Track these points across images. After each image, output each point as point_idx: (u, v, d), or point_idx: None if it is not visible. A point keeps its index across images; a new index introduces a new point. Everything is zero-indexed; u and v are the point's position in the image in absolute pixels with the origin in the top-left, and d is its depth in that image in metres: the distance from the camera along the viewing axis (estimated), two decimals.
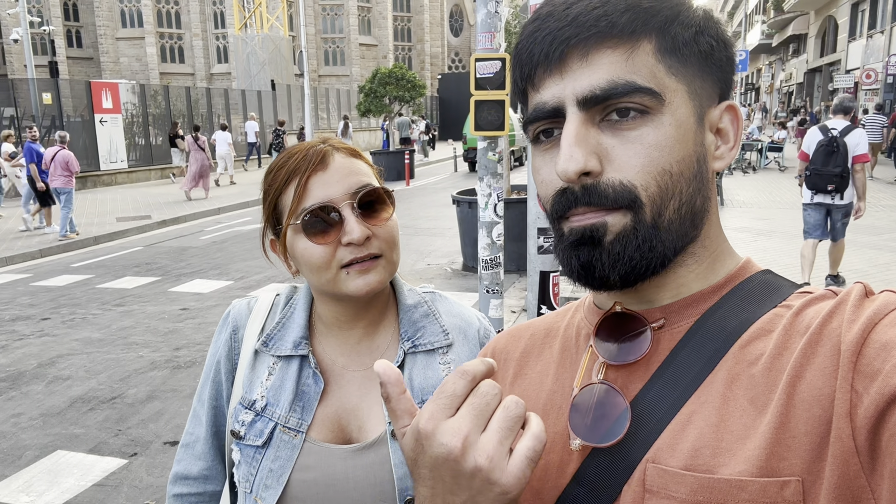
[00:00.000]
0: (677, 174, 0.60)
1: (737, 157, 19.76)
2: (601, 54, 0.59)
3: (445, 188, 16.44)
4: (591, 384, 0.64)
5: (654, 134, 0.59)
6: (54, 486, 3.73)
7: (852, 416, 0.50)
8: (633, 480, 0.59)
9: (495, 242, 4.19)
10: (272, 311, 1.12)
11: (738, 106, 0.67)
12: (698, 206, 0.62)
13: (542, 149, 0.64)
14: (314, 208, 0.97)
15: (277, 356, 1.06)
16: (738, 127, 0.66)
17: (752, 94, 56.60)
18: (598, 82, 0.58)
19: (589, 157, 0.58)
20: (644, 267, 0.60)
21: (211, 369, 1.12)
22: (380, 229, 0.99)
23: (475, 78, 3.79)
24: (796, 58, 38.64)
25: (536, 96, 0.62)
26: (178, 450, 1.17)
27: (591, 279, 0.62)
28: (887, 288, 0.58)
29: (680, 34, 0.61)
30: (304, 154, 1.00)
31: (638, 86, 0.58)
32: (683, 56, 0.61)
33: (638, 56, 0.59)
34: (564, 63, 0.60)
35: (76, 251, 10.76)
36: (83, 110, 19.01)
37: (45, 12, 51.40)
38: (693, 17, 0.62)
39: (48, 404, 4.84)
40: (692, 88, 0.62)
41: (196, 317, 6.92)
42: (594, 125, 0.60)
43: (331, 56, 58.98)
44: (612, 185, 0.59)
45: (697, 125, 0.62)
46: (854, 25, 26.85)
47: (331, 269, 0.98)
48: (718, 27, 0.64)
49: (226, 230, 12.26)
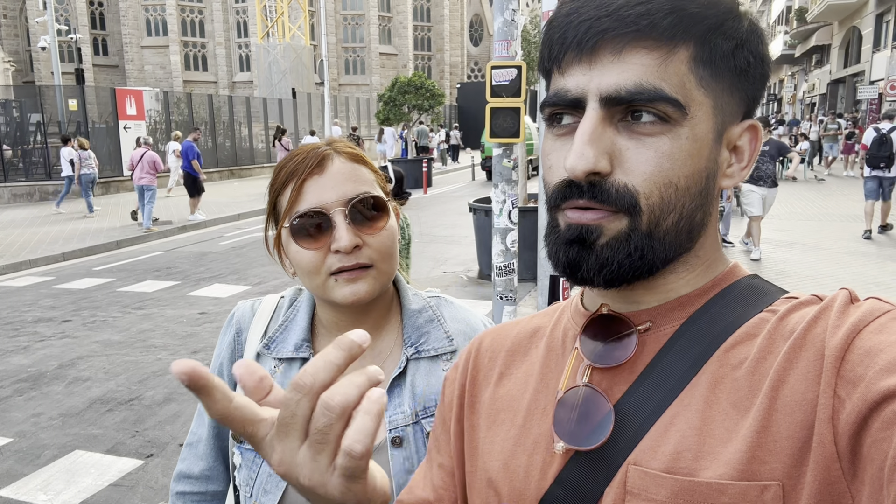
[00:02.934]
0: (683, 189, 0.59)
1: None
2: (635, 53, 0.57)
3: (463, 196, 16.46)
4: (576, 387, 0.64)
5: (669, 144, 0.58)
6: (72, 486, 3.78)
7: (834, 421, 0.50)
8: (615, 483, 0.59)
9: (509, 249, 4.19)
10: (276, 314, 1.11)
11: (760, 126, 0.65)
12: (697, 220, 0.62)
13: (557, 133, 0.63)
14: (305, 213, 0.96)
15: (279, 359, 1.05)
16: (755, 147, 0.65)
17: (773, 104, 56.07)
18: (626, 83, 0.57)
19: (600, 157, 0.57)
20: (631, 273, 0.60)
21: (214, 371, 1.12)
22: (373, 238, 0.97)
23: (491, 85, 3.81)
24: (819, 69, 38.22)
25: (560, 80, 0.61)
26: (183, 449, 1.18)
27: (574, 277, 0.62)
28: (873, 295, 0.57)
29: (720, 46, 0.59)
30: (305, 156, 0.99)
31: (665, 95, 0.56)
32: (717, 69, 0.59)
33: (672, 63, 0.57)
34: (595, 54, 0.58)
35: (98, 255, 10.93)
36: (108, 117, 19.32)
37: (73, 21, 52.48)
38: (737, 29, 0.60)
39: (67, 405, 4.91)
40: (718, 104, 0.60)
41: (214, 321, 6.99)
42: (611, 124, 0.58)
43: (351, 65, 59.45)
44: (616, 186, 0.58)
45: (715, 142, 0.61)
46: (878, 36, 26.50)
47: (320, 274, 0.97)
48: (760, 42, 0.61)
49: (245, 236, 12.37)
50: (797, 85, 47.10)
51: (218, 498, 1.15)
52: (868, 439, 0.48)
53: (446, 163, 27.69)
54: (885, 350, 0.49)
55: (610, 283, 0.60)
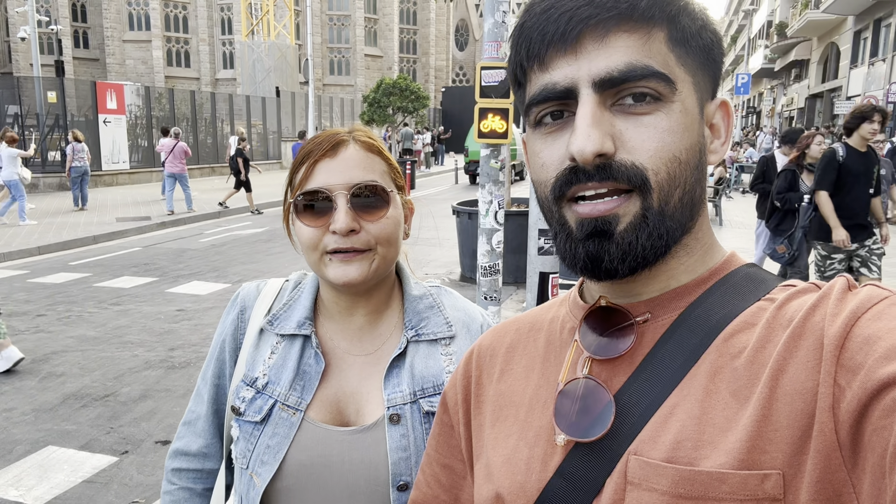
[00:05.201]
0: (685, 162, 0.60)
1: (735, 179, 19.60)
2: (618, 37, 0.58)
3: (446, 199, 16.47)
4: (576, 379, 0.64)
5: (667, 120, 0.59)
6: (44, 481, 3.71)
7: (835, 410, 0.50)
8: (616, 473, 0.59)
9: (495, 249, 4.20)
10: (280, 294, 1.14)
11: (730, 103, 0.68)
12: (697, 195, 0.63)
13: (545, 132, 0.63)
14: (310, 191, 1.00)
15: (281, 335, 1.08)
16: (728, 123, 0.67)
17: (753, 117, 56.90)
18: (616, 64, 0.58)
19: (605, 138, 0.58)
20: (653, 255, 0.60)
21: (216, 348, 1.14)
22: (373, 225, 1.01)
23: (480, 86, 3.82)
24: (798, 83, 38.89)
25: (545, 76, 0.61)
26: (180, 427, 1.18)
27: (596, 271, 0.61)
28: (870, 282, 0.58)
29: (688, 26, 0.61)
30: (323, 139, 1.04)
31: (655, 70, 0.58)
32: (690, 48, 0.61)
33: (653, 43, 0.59)
34: (580, 43, 0.59)
35: (75, 249, 10.75)
36: (87, 110, 19.05)
37: (54, 12, 51.74)
38: (698, 11, 0.63)
39: (41, 400, 4.82)
40: (696, 80, 0.62)
41: (192, 318, 6.91)
42: (606, 109, 0.59)
43: (336, 65, 59.28)
44: (624, 164, 0.58)
45: (700, 117, 0.63)
46: (856, 53, 27.05)
47: (317, 251, 1.01)
48: (714, 24, 0.64)
49: (225, 233, 12.26)
50: (776, 98, 47.86)
51: (214, 476, 1.16)
52: (869, 427, 0.48)
53: (430, 166, 27.69)
54: (884, 337, 0.49)
55: (634, 269, 0.60)
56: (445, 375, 1.05)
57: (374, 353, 1.08)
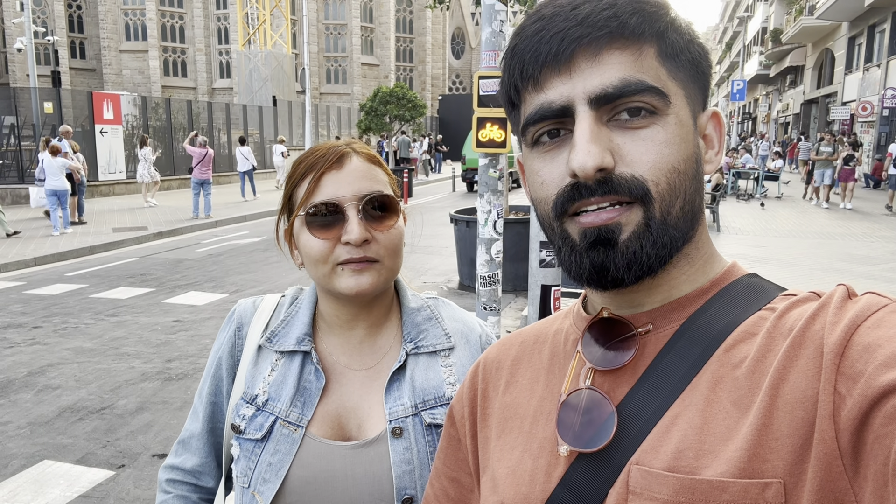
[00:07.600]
0: (683, 172, 0.61)
1: (732, 185, 19.63)
2: (610, 54, 0.59)
3: (443, 207, 16.48)
4: (579, 390, 0.65)
5: (663, 132, 0.60)
6: (39, 497, 3.67)
7: (836, 418, 0.50)
8: (618, 483, 0.59)
9: (494, 259, 4.19)
10: (277, 310, 1.13)
11: (721, 113, 0.70)
12: (696, 205, 0.64)
13: (543, 150, 0.63)
14: (321, 203, 1.00)
15: (280, 352, 1.08)
16: (721, 133, 0.69)
17: (748, 123, 57.12)
18: (611, 80, 0.59)
19: (604, 152, 0.58)
20: (657, 263, 0.61)
21: (212, 365, 1.13)
22: (382, 235, 1.01)
23: (478, 95, 3.81)
24: (793, 89, 39.09)
25: (539, 97, 0.62)
26: (175, 446, 1.18)
27: (603, 280, 0.62)
28: (870, 290, 0.58)
29: (677, 41, 0.62)
30: (325, 152, 1.04)
31: (649, 85, 0.59)
32: (680, 62, 0.63)
33: (644, 59, 0.60)
34: (573, 62, 0.60)
35: (71, 260, 10.72)
36: (84, 120, 19.04)
37: (50, 23, 51.82)
38: (685, 26, 0.64)
39: (36, 413, 4.78)
40: (687, 93, 0.64)
41: (189, 329, 6.87)
42: (603, 124, 0.60)
43: (333, 74, 59.43)
44: (624, 177, 0.59)
45: (694, 128, 0.64)
46: (851, 59, 27.21)
47: (327, 264, 1.00)
48: (700, 38, 0.66)
49: (222, 243, 12.23)
50: (771, 104, 48.09)
51: (207, 493, 1.15)
52: (870, 435, 0.48)
53: (428, 174, 27.72)
54: (884, 345, 0.50)
55: (639, 277, 0.61)
56: (446, 387, 1.05)
57: (374, 367, 1.07)
